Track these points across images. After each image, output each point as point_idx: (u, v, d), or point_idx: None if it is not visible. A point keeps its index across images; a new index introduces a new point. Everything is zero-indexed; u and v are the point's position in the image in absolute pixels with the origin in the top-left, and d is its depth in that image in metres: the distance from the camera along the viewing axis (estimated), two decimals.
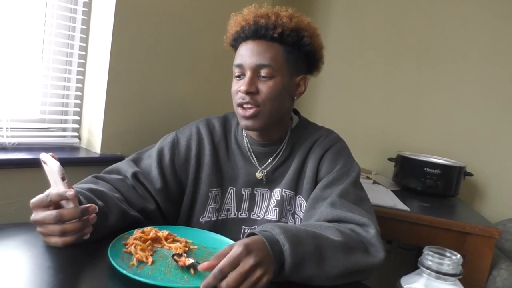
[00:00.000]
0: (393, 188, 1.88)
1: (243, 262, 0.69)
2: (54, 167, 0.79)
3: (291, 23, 1.01)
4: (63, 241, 0.78)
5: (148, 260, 0.80)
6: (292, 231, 0.78)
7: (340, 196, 0.98)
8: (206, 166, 1.11)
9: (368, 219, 0.92)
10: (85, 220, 0.80)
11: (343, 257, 0.81)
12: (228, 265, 0.68)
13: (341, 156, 1.08)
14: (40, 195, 0.79)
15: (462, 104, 2.05)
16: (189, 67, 1.65)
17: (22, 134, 1.32)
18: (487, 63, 2.00)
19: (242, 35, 1.04)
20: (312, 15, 2.28)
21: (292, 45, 1.03)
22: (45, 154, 0.82)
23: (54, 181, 0.81)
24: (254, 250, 0.71)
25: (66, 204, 0.79)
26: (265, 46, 1.01)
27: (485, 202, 2.02)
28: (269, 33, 1.00)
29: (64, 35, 1.40)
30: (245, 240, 0.72)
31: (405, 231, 1.52)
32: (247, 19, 1.03)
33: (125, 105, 1.47)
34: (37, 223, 0.78)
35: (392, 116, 2.18)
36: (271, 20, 1.01)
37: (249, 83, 1.00)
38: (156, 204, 1.07)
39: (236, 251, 0.69)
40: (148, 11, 1.47)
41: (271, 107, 1.02)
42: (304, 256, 0.76)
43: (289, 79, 1.04)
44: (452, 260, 0.67)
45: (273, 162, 1.11)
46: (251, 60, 1.00)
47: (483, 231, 1.43)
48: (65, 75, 1.43)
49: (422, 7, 2.10)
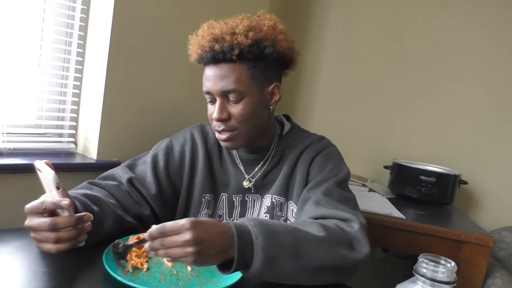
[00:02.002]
0: (388, 195, 1.89)
1: (182, 234, 0.69)
2: (49, 175, 0.78)
3: (248, 39, 0.96)
4: (57, 248, 0.77)
5: (143, 267, 0.80)
6: (268, 225, 0.77)
7: (325, 194, 0.97)
8: (200, 171, 1.11)
9: (352, 214, 0.91)
10: (80, 228, 0.79)
11: (323, 251, 0.79)
12: (167, 230, 0.69)
13: (330, 160, 1.07)
14: (35, 201, 0.79)
15: (457, 113, 2.06)
16: (186, 74, 1.65)
17: (19, 139, 1.32)
18: (482, 72, 2.02)
19: (202, 61, 1.02)
20: (308, 24, 2.30)
21: (255, 59, 0.98)
22: (40, 162, 0.82)
23: (49, 189, 0.81)
24: (200, 228, 0.69)
25: (61, 211, 0.79)
26: (227, 69, 0.97)
27: (480, 211, 2.03)
28: (227, 56, 0.96)
29: (62, 41, 1.40)
30: (202, 219, 0.72)
31: (400, 239, 1.52)
32: (202, 45, 0.99)
33: (122, 111, 1.47)
34: (31, 229, 0.78)
35: (388, 124, 2.19)
36: (226, 41, 0.96)
37: (220, 111, 0.99)
38: (151, 209, 1.07)
39: (180, 222, 0.69)
40: (145, 17, 1.48)
41: (246, 127, 1.01)
42: (279, 251, 0.75)
43: (260, 93, 1.01)
44: (446, 268, 0.68)
45: (262, 168, 1.11)
46: (216, 87, 0.98)
47: (478, 240, 1.43)
48: (62, 81, 1.43)
49: (418, 16, 2.12)
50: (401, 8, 2.15)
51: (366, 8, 2.22)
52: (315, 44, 2.29)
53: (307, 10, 2.32)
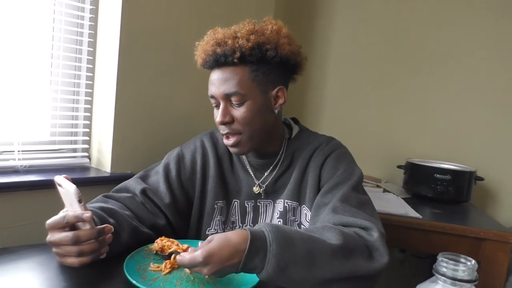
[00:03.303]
0: (403, 195, 1.87)
1: (201, 271, 0.74)
2: (71, 189, 0.79)
3: (249, 42, 0.97)
4: (80, 261, 0.78)
5: (166, 268, 0.83)
6: (285, 232, 0.78)
7: (342, 200, 0.96)
8: (211, 178, 1.12)
9: (371, 222, 0.91)
10: (101, 241, 0.81)
11: (339, 261, 0.79)
12: (188, 265, 0.75)
13: (342, 161, 1.06)
14: (56, 216, 0.80)
15: (470, 108, 2.04)
16: (195, 83, 1.66)
17: (34, 156, 1.34)
18: (495, 66, 1.99)
19: (206, 66, 1.04)
20: (314, 26, 2.30)
21: (258, 62, 0.99)
22: (60, 177, 0.84)
23: (69, 203, 0.82)
24: (212, 263, 0.73)
25: (82, 225, 0.80)
26: (229, 72, 0.99)
27: (498, 207, 2.00)
28: (229, 59, 0.98)
29: (72, 58, 1.43)
30: (212, 246, 0.74)
31: (418, 239, 1.50)
32: (206, 49, 1.02)
33: (134, 124, 1.49)
34: (53, 244, 0.79)
35: (400, 123, 2.17)
36: (228, 45, 0.98)
37: (223, 114, 1.01)
38: (166, 219, 1.08)
39: (196, 260, 0.73)
40: (153, 31, 1.50)
41: (251, 131, 1.02)
42: (292, 259, 0.75)
43: (263, 97, 1.02)
44: (467, 266, 0.67)
45: (273, 173, 1.11)
46: (219, 90, 1.00)
47: (498, 236, 1.41)
48: (74, 97, 1.46)
49: (426, 13, 2.10)
50: (408, 6, 2.14)
51: (372, 7, 2.21)
52: (322, 46, 2.29)
53: (312, 13, 2.32)
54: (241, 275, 0.84)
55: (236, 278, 0.83)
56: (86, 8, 1.43)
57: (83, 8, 1.43)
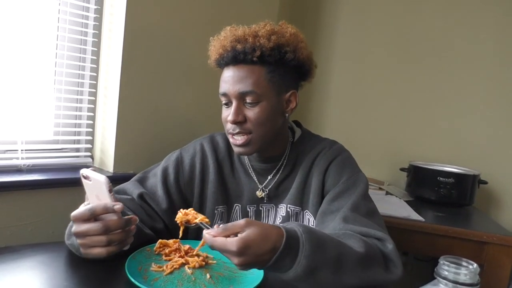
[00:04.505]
0: (406, 198, 1.86)
1: (231, 258, 0.70)
2: (101, 179, 0.79)
3: (270, 42, 0.97)
4: (108, 251, 0.78)
5: (168, 268, 0.83)
6: (316, 233, 0.76)
7: (352, 210, 0.95)
8: (211, 183, 1.10)
9: (384, 233, 0.90)
10: (128, 231, 0.81)
11: (362, 269, 0.78)
12: (217, 249, 0.71)
13: (346, 167, 1.05)
14: (81, 208, 0.80)
15: (473, 111, 2.03)
16: (198, 84, 1.67)
17: (37, 155, 1.35)
18: (499, 69, 1.98)
19: (222, 62, 1.02)
20: (318, 28, 2.30)
21: (275, 63, 0.99)
22: (87, 169, 0.84)
23: (96, 195, 0.82)
24: (247, 255, 0.69)
25: (107, 215, 0.80)
26: (246, 71, 0.98)
27: (502, 210, 1.98)
28: (248, 57, 0.96)
29: (76, 57, 1.43)
30: (251, 237, 0.69)
31: (420, 242, 1.49)
32: (224, 45, 1.00)
33: (137, 124, 1.49)
34: (80, 235, 0.79)
35: (403, 125, 2.17)
36: (249, 43, 0.97)
37: (236, 113, 0.99)
38: (164, 223, 1.07)
39: (231, 248, 0.68)
40: (157, 31, 1.50)
41: (262, 132, 1.00)
42: (322, 262, 0.74)
43: (277, 99, 1.01)
44: (469, 269, 0.66)
45: (276, 177, 1.10)
46: (234, 88, 0.98)
47: (501, 240, 1.40)
48: (77, 97, 1.46)
49: (431, 16, 2.10)
50: (412, 8, 2.13)
51: (375, 10, 2.21)
52: (326, 49, 2.29)
53: (316, 16, 2.32)
54: (243, 276, 0.84)
55: (238, 279, 0.83)
56: (91, 8, 1.44)
57: (87, 8, 1.44)
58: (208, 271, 0.84)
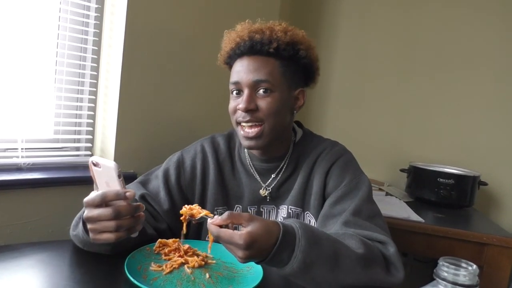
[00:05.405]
0: (406, 199, 1.86)
1: (235, 251, 0.72)
2: (111, 165, 0.80)
3: (286, 37, 1.00)
4: (116, 236, 0.78)
5: (167, 267, 0.83)
6: (312, 230, 0.78)
7: (354, 214, 0.94)
8: (211, 184, 1.10)
9: (386, 236, 0.90)
10: (137, 217, 0.81)
11: (361, 270, 0.78)
12: (222, 241, 0.72)
13: (348, 169, 1.05)
14: (93, 193, 0.80)
15: (473, 113, 2.03)
16: (200, 86, 1.67)
17: (37, 154, 1.35)
18: (499, 71, 1.98)
19: (238, 51, 1.03)
20: (319, 29, 2.30)
21: (288, 59, 1.02)
22: (96, 156, 0.84)
23: (105, 182, 0.82)
24: (252, 249, 0.70)
25: (117, 202, 0.80)
26: (261, 61, 1.00)
27: (502, 212, 1.99)
28: (264, 48, 0.99)
29: (76, 56, 1.43)
30: (258, 231, 0.71)
31: (420, 243, 1.49)
32: (241, 35, 1.02)
33: (137, 123, 1.49)
34: (91, 220, 0.79)
35: (403, 126, 2.17)
36: (266, 35, 0.99)
37: (248, 101, 0.99)
38: (167, 224, 1.07)
39: (238, 241, 0.70)
40: (158, 31, 1.50)
41: (273, 123, 1.00)
42: (318, 258, 0.75)
43: (288, 94, 1.03)
44: (468, 271, 0.66)
45: (277, 178, 1.10)
46: (248, 76, 0.99)
47: (501, 241, 1.40)
48: (78, 95, 1.46)
49: (432, 18, 2.10)
50: (412, 9, 2.13)
51: (376, 11, 2.21)
52: (326, 50, 2.29)
53: (317, 18, 2.32)
54: (243, 275, 0.84)
55: (237, 279, 0.83)
56: (92, 7, 1.44)
57: (88, 7, 1.44)
58: (208, 270, 0.84)
